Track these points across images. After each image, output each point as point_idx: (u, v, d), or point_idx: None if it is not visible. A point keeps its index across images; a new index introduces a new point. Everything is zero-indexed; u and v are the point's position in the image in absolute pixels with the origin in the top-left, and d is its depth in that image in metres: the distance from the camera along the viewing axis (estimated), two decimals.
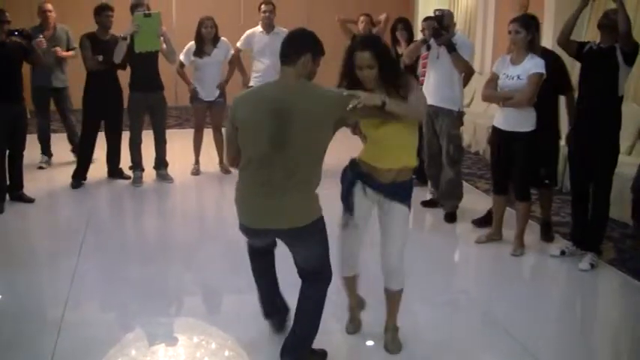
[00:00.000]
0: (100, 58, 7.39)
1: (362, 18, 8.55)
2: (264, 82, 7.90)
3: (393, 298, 4.12)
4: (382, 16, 8.57)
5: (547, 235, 6.22)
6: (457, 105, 6.58)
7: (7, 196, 6.97)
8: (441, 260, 5.94)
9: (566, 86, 6.00)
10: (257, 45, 8.30)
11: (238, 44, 8.40)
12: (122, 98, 7.76)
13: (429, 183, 7.31)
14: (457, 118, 6.61)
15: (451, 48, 6.31)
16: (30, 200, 7.14)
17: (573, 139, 5.67)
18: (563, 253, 5.78)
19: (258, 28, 8.37)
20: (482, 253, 5.99)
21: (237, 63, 8.41)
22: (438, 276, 5.50)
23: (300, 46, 3.59)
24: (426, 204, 7.19)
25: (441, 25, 6.38)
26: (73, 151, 8.65)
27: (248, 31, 8.44)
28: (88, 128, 7.74)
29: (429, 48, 6.61)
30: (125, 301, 4.91)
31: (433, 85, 6.59)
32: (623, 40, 5.19)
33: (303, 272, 3.88)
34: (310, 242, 3.74)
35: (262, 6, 8.23)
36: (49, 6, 8.25)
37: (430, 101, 6.55)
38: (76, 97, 7.85)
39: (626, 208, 6.38)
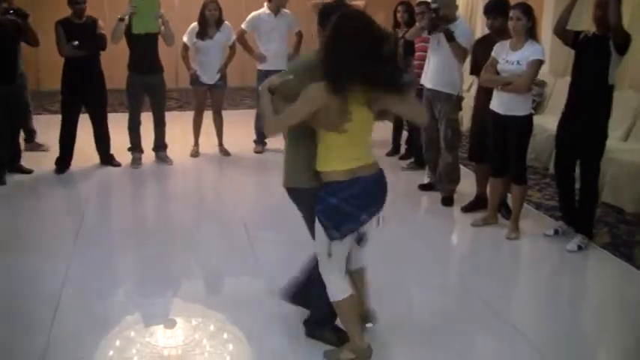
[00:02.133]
0: (76, 43, 7.26)
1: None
2: (272, 66, 8.04)
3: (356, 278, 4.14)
4: (360, 3, 8.63)
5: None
6: (456, 89, 6.61)
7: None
8: (437, 244, 5.99)
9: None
10: (263, 27, 8.31)
11: (243, 26, 8.38)
12: (104, 82, 7.62)
13: (427, 167, 7.36)
14: (456, 102, 6.64)
15: (450, 37, 6.33)
16: (28, 171, 7.37)
17: (563, 123, 5.74)
18: (556, 232, 5.91)
19: (265, 10, 8.35)
20: (478, 236, 6.05)
21: (242, 44, 8.40)
22: (434, 259, 5.56)
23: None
24: (423, 187, 7.25)
25: (438, 16, 6.40)
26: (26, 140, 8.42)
27: (253, 13, 8.43)
28: (67, 114, 7.62)
29: (430, 32, 6.63)
30: (124, 283, 4.97)
31: (433, 69, 6.62)
32: (615, 33, 5.28)
33: None
34: (299, 206, 3.90)
35: None
36: None
37: (429, 85, 6.62)
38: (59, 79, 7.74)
39: (620, 194, 6.44)
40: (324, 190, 3.57)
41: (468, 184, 6.98)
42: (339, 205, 3.51)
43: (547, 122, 8.06)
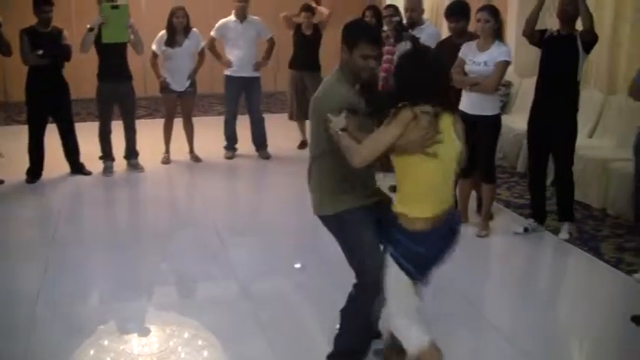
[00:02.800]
0: (40, 52, 7.22)
1: (304, 14, 8.64)
2: (239, 72, 8.11)
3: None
4: (326, 10, 8.75)
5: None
6: None
7: None
8: None
9: None
10: (230, 34, 8.40)
11: (212, 33, 8.47)
12: (68, 91, 7.58)
13: None
14: None
15: (416, 45, 6.40)
16: None
17: (534, 121, 5.87)
18: (526, 230, 6.03)
19: (232, 18, 8.43)
20: None
21: (212, 51, 8.48)
22: None
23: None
24: (393, 189, 7.30)
25: (401, 27, 6.48)
26: None
27: (221, 20, 8.52)
28: (33, 124, 7.56)
29: (396, 42, 6.71)
30: (98, 291, 4.99)
31: None
32: (586, 33, 5.51)
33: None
34: (333, 234, 3.67)
35: None
36: None
37: None
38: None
39: (587, 190, 6.56)
40: (402, 234, 3.27)
41: None
42: (424, 253, 3.26)
43: (514, 122, 8.18)
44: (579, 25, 5.65)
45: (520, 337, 4.33)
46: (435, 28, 6.94)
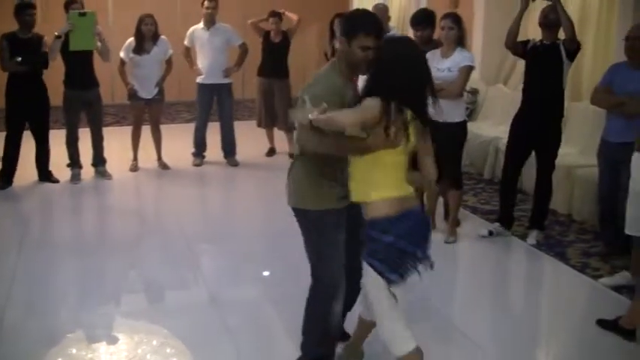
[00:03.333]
0: (19, 58, 7.19)
1: (272, 19, 8.67)
2: (208, 80, 8.12)
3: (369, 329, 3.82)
4: (294, 17, 8.80)
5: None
6: None
7: None
8: None
9: None
10: (198, 41, 8.45)
11: (185, 42, 8.52)
12: (47, 98, 7.56)
13: None
14: None
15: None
16: None
17: (518, 127, 5.99)
18: (491, 233, 6.13)
19: (200, 25, 8.46)
20: None
21: (186, 58, 8.58)
22: None
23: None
24: None
25: None
26: None
27: (191, 28, 8.60)
28: (10, 130, 7.53)
29: None
30: (66, 299, 4.94)
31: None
32: (569, 41, 5.63)
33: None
34: (300, 227, 3.59)
35: (205, 2, 8.34)
36: None
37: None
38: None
39: (554, 196, 6.62)
40: (371, 228, 3.22)
41: None
42: (394, 243, 3.17)
43: (481, 128, 8.28)
44: (562, 35, 5.76)
45: (488, 342, 4.40)
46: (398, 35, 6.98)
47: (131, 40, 8.03)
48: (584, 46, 7.66)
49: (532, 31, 6.79)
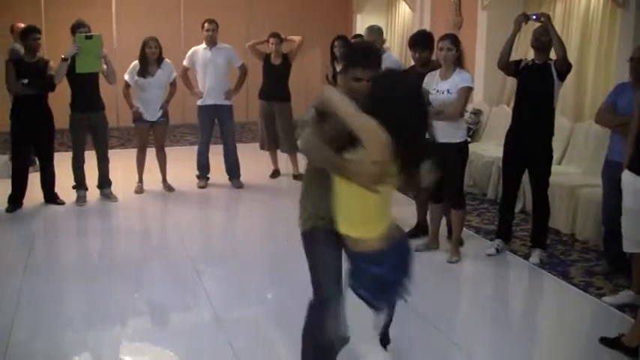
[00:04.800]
0: (25, 81, 7.27)
1: (272, 40, 8.74)
2: (208, 100, 8.20)
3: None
4: (296, 38, 8.85)
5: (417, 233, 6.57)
6: None
7: None
8: None
9: None
10: (200, 61, 8.51)
11: (184, 62, 8.57)
12: (52, 121, 7.64)
13: None
14: None
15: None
16: None
17: (510, 145, 6.07)
18: (497, 250, 6.20)
19: (202, 45, 8.53)
20: (420, 261, 6.12)
21: (184, 80, 8.59)
22: None
23: None
24: None
25: None
26: None
27: (192, 49, 8.68)
28: (18, 153, 7.62)
29: None
30: (72, 322, 4.94)
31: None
32: (560, 62, 5.72)
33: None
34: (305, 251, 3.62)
35: (205, 24, 8.42)
36: None
37: None
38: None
39: (557, 215, 6.66)
40: (360, 260, 3.23)
41: (409, 212, 7.13)
42: (385, 275, 3.21)
43: (484, 149, 8.30)
44: (553, 55, 5.84)
45: None
46: (396, 58, 7.08)
47: (135, 63, 8.10)
48: (586, 67, 7.74)
49: (530, 52, 6.84)
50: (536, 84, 5.85)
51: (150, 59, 8.01)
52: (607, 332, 4.53)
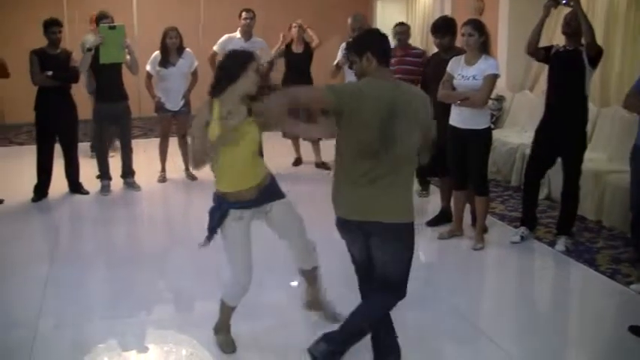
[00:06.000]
0: (49, 73, 7.31)
1: (294, 24, 8.73)
2: None
3: (315, 276, 4.48)
4: (315, 38, 8.84)
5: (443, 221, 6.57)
6: None
7: None
8: None
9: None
10: None
11: (215, 47, 8.54)
12: (76, 112, 7.69)
13: None
14: None
15: None
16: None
17: (542, 132, 6.00)
18: (522, 238, 6.14)
19: (237, 34, 8.50)
20: (445, 249, 6.15)
21: (212, 65, 8.52)
22: None
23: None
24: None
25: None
26: None
27: (226, 35, 8.63)
28: (42, 144, 7.66)
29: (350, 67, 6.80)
30: (97, 309, 4.98)
31: None
32: (589, 47, 5.61)
33: (378, 282, 3.82)
34: (394, 245, 3.68)
35: (243, 13, 8.46)
36: None
37: None
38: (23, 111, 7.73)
39: (583, 202, 6.59)
40: (270, 179, 4.28)
41: (432, 199, 7.11)
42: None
43: (507, 136, 8.25)
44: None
45: (518, 349, 4.36)
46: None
47: (157, 53, 8.11)
48: (612, 51, 7.64)
49: (558, 37, 6.76)
50: (567, 71, 5.77)
51: (171, 49, 8.02)
52: (635, 320, 4.49)
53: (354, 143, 3.57)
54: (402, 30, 7.46)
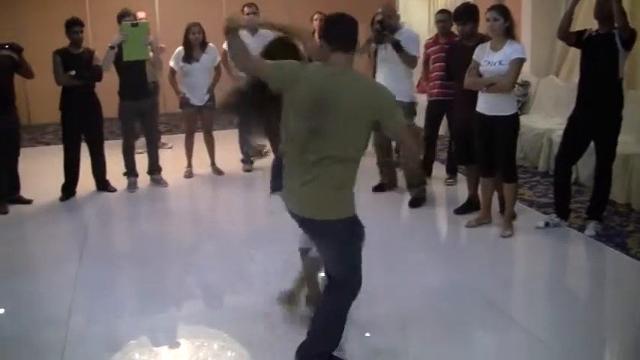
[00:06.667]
0: (73, 72, 7.34)
1: (316, 16, 8.69)
2: None
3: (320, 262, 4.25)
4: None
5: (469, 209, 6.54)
6: (407, 97, 6.69)
7: None
8: (433, 246, 6.09)
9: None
10: None
11: (224, 46, 8.51)
12: (101, 110, 7.71)
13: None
14: (407, 108, 6.61)
15: (397, 48, 6.48)
16: (27, 202, 7.43)
17: (575, 118, 5.91)
18: (547, 224, 6.08)
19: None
20: (473, 236, 6.12)
21: (224, 64, 8.53)
22: (430, 261, 5.64)
23: (356, 34, 3.57)
24: (375, 189, 7.43)
25: (383, 27, 6.53)
26: None
27: None
28: (68, 143, 7.69)
29: (377, 43, 6.77)
30: (127, 305, 5.03)
31: (384, 80, 6.72)
32: (622, 30, 5.53)
33: (329, 275, 3.79)
34: (332, 241, 3.62)
35: (245, 8, 8.38)
36: None
37: None
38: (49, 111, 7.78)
39: (612, 186, 6.52)
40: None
41: (459, 187, 7.07)
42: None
43: (534, 122, 8.19)
44: None
45: (549, 335, 4.32)
46: (412, 32, 7.02)
47: (180, 49, 8.13)
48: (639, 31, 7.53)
49: (580, 21, 6.68)
50: (598, 55, 5.68)
51: (194, 45, 8.04)
52: None
53: (289, 130, 3.53)
54: (444, 18, 7.43)
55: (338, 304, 3.73)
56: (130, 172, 8.00)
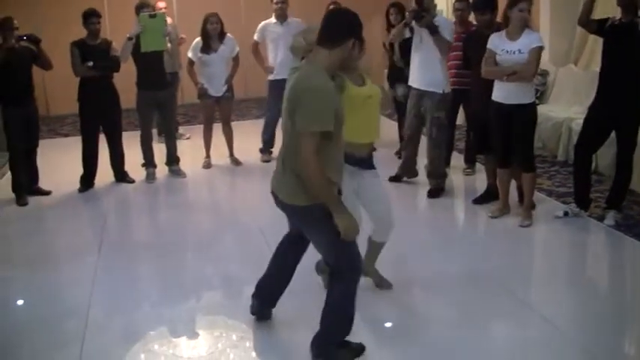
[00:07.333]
0: (90, 64, 7.35)
1: (332, 6, 8.65)
2: (280, 75, 8.04)
3: (379, 249, 4.69)
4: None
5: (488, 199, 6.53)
6: (441, 87, 6.66)
7: None
8: (452, 236, 6.08)
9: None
10: (270, 36, 8.46)
11: (255, 37, 8.53)
12: (119, 101, 7.73)
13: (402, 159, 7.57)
14: (441, 99, 6.65)
15: (433, 30, 6.41)
16: (47, 193, 7.51)
17: (597, 107, 5.88)
18: (566, 213, 6.08)
19: (272, 20, 8.48)
20: (492, 226, 6.10)
21: (256, 56, 8.55)
22: (451, 251, 5.63)
23: (340, 29, 3.54)
24: (392, 179, 7.41)
25: (422, 7, 6.45)
26: None
27: (262, 23, 8.59)
28: (86, 134, 7.73)
29: (412, 31, 6.70)
30: (146, 296, 5.05)
31: (418, 69, 6.70)
32: None
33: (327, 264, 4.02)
34: (308, 227, 3.90)
35: None
36: None
37: (416, 85, 6.71)
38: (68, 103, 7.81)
39: (632, 176, 6.48)
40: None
41: (478, 177, 7.04)
42: None
43: (552, 111, 8.14)
44: None
45: (568, 324, 4.32)
46: (446, 20, 6.97)
47: (198, 39, 8.13)
48: None
49: (599, 10, 6.62)
50: (621, 43, 5.64)
51: (212, 35, 8.03)
52: None
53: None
54: (462, 6, 7.38)
55: (340, 292, 3.79)
56: (149, 163, 8.03)
